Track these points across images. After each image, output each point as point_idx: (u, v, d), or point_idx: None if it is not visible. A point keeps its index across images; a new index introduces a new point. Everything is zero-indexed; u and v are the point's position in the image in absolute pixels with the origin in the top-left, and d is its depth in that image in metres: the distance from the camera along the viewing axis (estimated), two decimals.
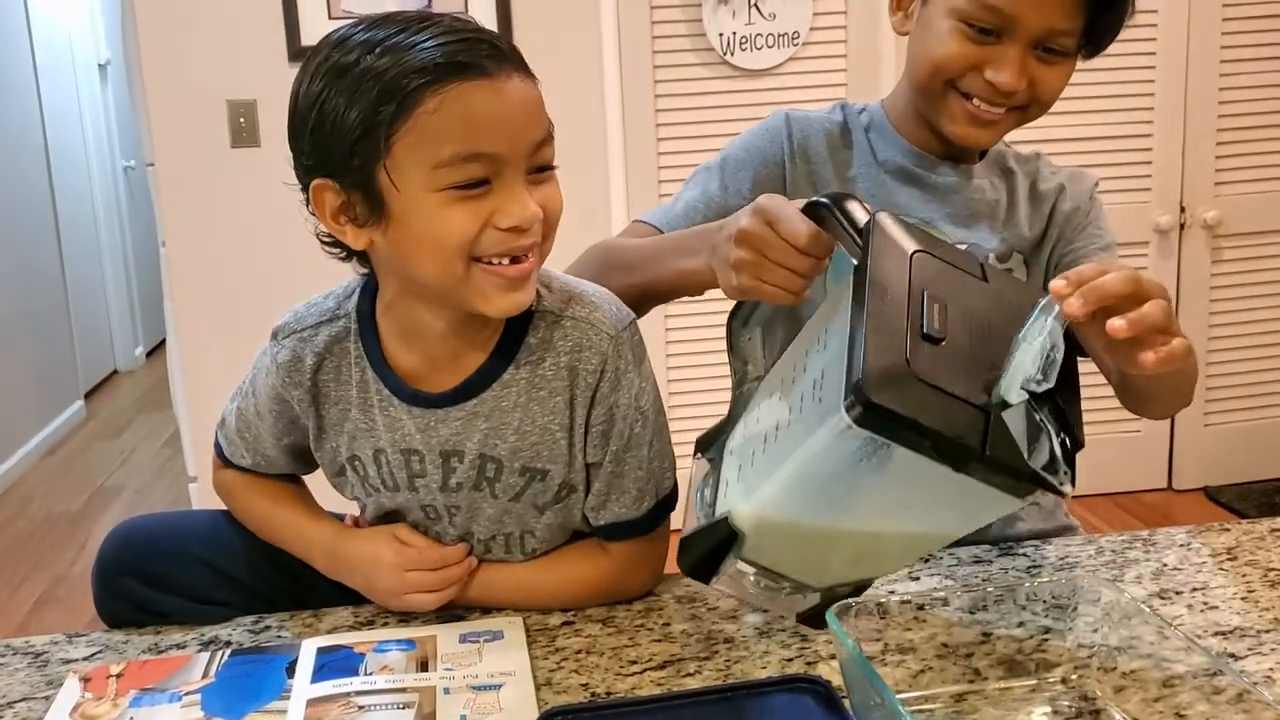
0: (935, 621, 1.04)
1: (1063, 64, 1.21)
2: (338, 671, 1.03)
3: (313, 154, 1.00)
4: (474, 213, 0.97)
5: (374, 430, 1.12)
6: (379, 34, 0.97)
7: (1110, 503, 3.39)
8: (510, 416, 1.09)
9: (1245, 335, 3.44)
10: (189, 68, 2.97)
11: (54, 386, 4.87)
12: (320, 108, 0.97)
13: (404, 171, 0.96)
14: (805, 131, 1.32)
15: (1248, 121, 3.30)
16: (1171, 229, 3.32)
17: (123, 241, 6.02)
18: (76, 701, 1.01)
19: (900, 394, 0.76)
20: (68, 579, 3.31)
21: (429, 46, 0.95)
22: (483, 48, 0.97)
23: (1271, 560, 1.20)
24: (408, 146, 0.95)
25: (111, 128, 6.00)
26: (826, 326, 0.90)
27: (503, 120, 0.97)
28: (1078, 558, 1.22)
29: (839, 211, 0.90)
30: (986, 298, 0.88)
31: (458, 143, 0.95)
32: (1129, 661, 0.94)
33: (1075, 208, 1.33)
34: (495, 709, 0.96)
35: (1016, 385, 0.80)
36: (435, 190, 0.96)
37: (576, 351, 1.08)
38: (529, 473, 1.11)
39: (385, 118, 0.94)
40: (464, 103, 0.95)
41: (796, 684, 0.96)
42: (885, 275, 0.83)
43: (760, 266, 0.96)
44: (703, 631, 1.09)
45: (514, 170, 0.98)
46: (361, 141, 0.96)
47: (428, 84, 0.94)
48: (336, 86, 0.97)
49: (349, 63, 0.96)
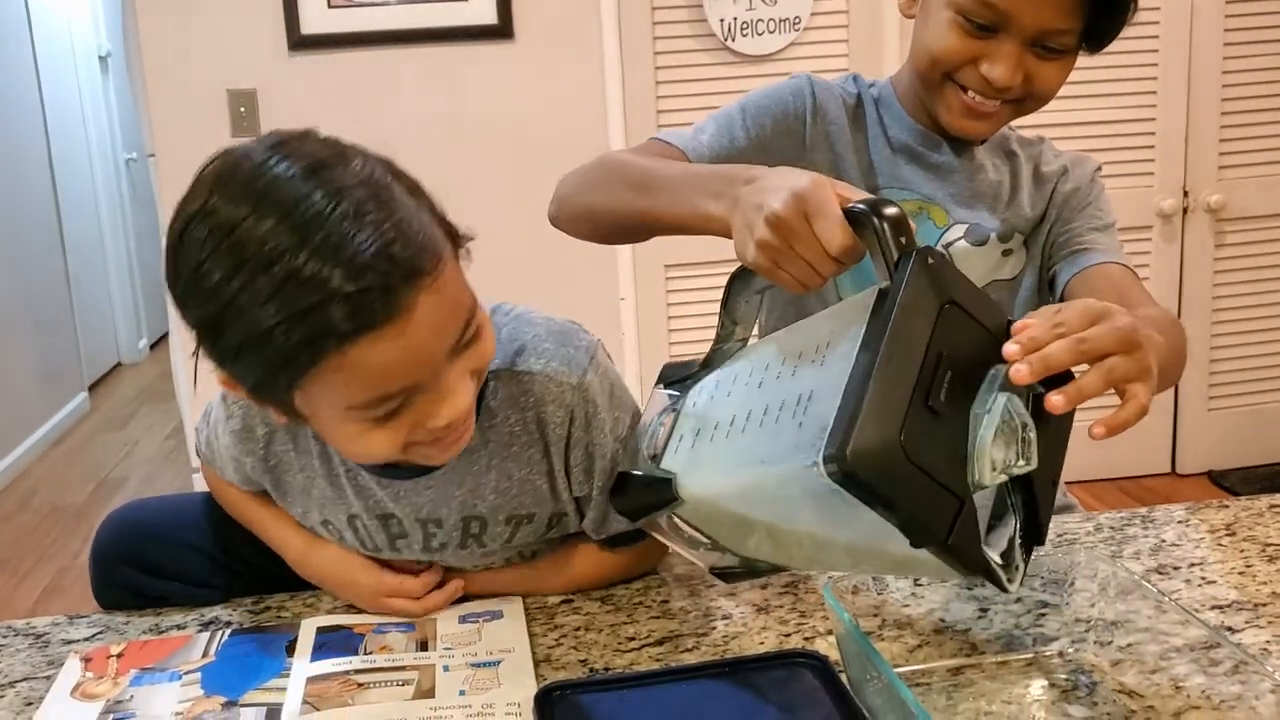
0: (932, 597, 1.04)
1: (1061, 60, 1.20)
2: (337, 651, 1.04)
3: (211, 351, 0.87)
4: (397, 429, 0.89)
5: (344, 498, 1.08)
6: (260, 245, 0.81)
7: (1114, 487, 3.38)
8: (485, 478, 1.06)
9: (1249, 320, 3.43)
10: (189, 58, 2.98)
11: (58, 379, 4.89)
12: (219, 319, 0.83)
13: (314, 406, 0.89)
14: (826, 96, 1.31)
15: (1251, 105, 3.29)
16: (1175, 213, 3.31)
17: (125, 234, 6.03)
18: (77, 681, 1.01)
19: (882, 470, 0.72)
20: (73, 570, 3.32)
21: (320, 297, 0.80)
22: (373, 295, 0.81)
23: (1270, 535, 1.20)
24: (312, 394, 0.87)
25: (113, 120, 6.01)
26: (829, 339, 0.85)
27: (410, 362, 0.86)
28: (1076, 534, 1.22)
29: (884, 229, 0.82)
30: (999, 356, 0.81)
31: (368, 391, 0.86)
32: (1126, 635, 0.95)
33: (1075, 189, 1.33)
34: (494, 684, 0.97)
35: (986, 467, 0.76)
36: (351, 422, 0.89)
37: (540, 405, 1.04)
38: (515, 520, 1.09)
39: (282, 377, 0.84)
40: (364, 362, 0.83)
41: (793, 659, 0.96)
42: (909, 325, 0.77)
43: (783, 255, 0.89)
44: (701, 608, 1.09)
45: (434, 379, 0.89)
46: (261, 386, 0.87)
47: (321, 353, 0.82)
48: (234, 301, 0.81)
49: (228, 293, 0.81)
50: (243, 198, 0.83)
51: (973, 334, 0.80)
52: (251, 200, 0.82)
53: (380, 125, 3.02)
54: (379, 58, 3.01)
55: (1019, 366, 0.76)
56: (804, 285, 0.89)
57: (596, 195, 1.18)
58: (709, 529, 0.94)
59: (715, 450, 0.90)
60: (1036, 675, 0.96)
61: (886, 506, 0.73)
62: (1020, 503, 0.82)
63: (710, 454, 0.90)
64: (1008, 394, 0.77)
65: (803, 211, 0.86)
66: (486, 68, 3.07)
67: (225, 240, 0.82)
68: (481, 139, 3.07)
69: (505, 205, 3.07)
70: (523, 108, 3.07)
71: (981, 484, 0.77)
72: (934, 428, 0.75)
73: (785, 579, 1.14)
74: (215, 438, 1.14)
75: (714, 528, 0.94)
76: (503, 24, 3.03)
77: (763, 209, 0.88)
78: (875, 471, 0.72)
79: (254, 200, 0.82)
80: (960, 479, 0.76)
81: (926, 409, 0.75)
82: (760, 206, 0.89)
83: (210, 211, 0.83)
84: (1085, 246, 1.29)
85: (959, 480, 0.76)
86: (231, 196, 0.83)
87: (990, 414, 0.77)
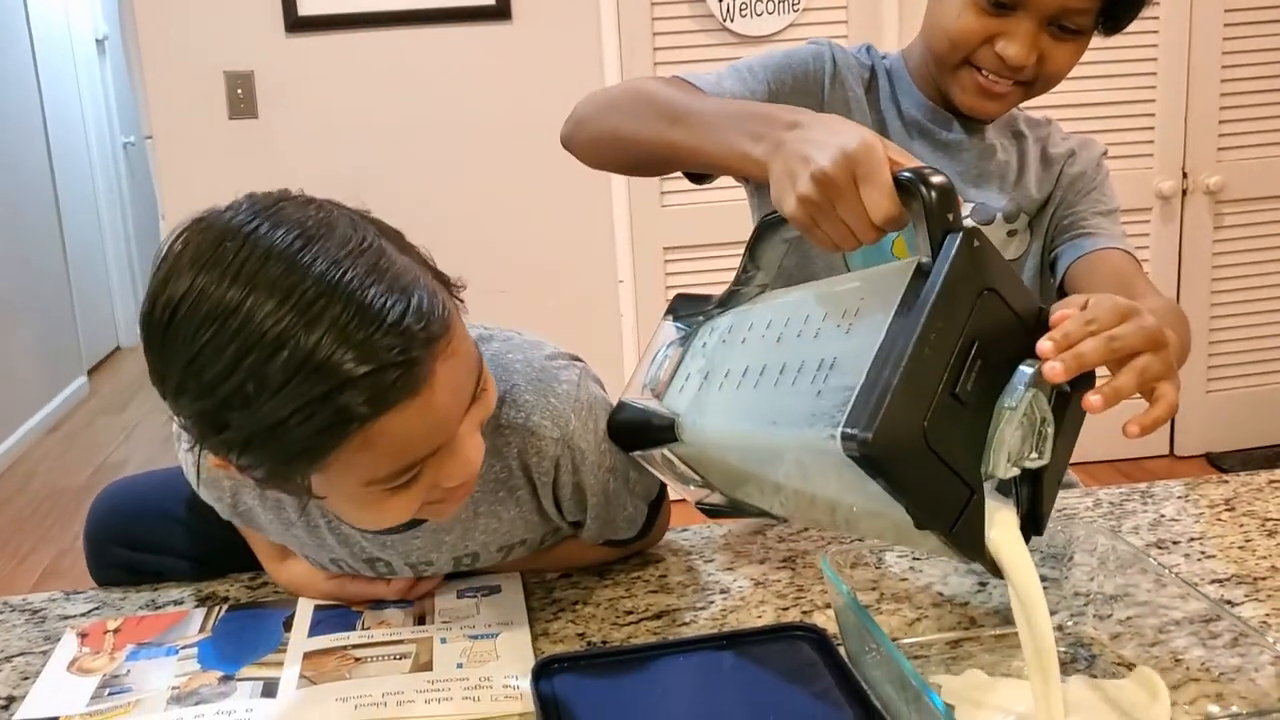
0: (931, 571, 1.04)
1: (1075, 42, 1.19)
2: (335, 626, 1.04)
3: (213, 444, 0.81)
4: (413, 494, 0.85)
5: (325, 545, 1.05)
6: (261, 334, 0.74)
7: (1112, 469, 3.38)
8: (475, 523, 1.03)
9: (1247, 301, 3.43)
10: (186, 40, 2.97)
11: (57, 363, 4.88)
12: (223, 412, 0.76)
13: (328, 485, 0.83)
14: (845, 63, 1.30)
15: (1251, 87, 3.28)
16: (1174, 195, 3.31)
17: (124, 218, 6.02)
18: (74, 655, 1.01)
19: (902, 453, 0.72)
20: (72, 552, 3.32)
21: (335, 382, 0.74)
22: (396, 368, 0.76)
23: (1269, 510, 1.19)
24: (330, 475, 0.81)
25: (110, 104, 6.00)
26: (859, 307, 0.83)
27: (434, 427, 0.82)
28: (1075, 509, 1.22)
29: (934, 203, 0.79)
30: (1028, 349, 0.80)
31: (390, 465, 0.81)
32: (1125, 609, 0.94)
33: (1081, 172, 1.32)
34: (492, 657, 0.96)
35: (1003, 460, 0.77)
36: (370, 494, 0.83)
37: (523, 455, 1.00)
38: (507, 548, 1.08)
39: (298, 467, 0.79)
40: (389, 435, 0.78)
41: (791, 632, 0.96)
42: (947, 308, 0.75)
43: (824, 214, 0.85)
44: (699, 583, 1.09)
45: (449, 443, 0.84)
46: (272, 478, 0.82)
47: (351, 428, 0.76)
48: (240, 391, 0.75)
49: (235, 388, 0.75)
50: (235, 279, 0.75)
51: (1006, 323, 0.79)
52: (244, 281, 0.75)
53: (377, 106, 3.01)
54: (376, 39, 3.00)
55: (1053, 364, 0.76)
56: (837, 246, 0.86)
57: (623, 120, 1.12)
58: (703, 470, 0.94)
59: (724, 398, 0.88)
60: None
61: (899, 489, 0.73)
62: (1025, 495, 0.82)
63: (718, 401, 0.89)
64: (1035, 390, 0.77)
65: (852, 173, 0.82)
66: (484, 49, 3.06)
67: (222, 326, 0.74)
68: (479, 120, 3.05)
69: (503, 187, 3.06)
70: (521, 89, 3.05)
71: (994, 475, 0.77)
72: (957, 416, 0.75)
73: (783, 553, 1.14)
74: (184, 471, 1.08)
75: (709, 470, 0.93)
76: (500, 4, 3.02)
77: (810, 163, 0.84)
78: (895, 454, 0.72)
79: (247, 281, 0.75)
80: (974, 469, 0.76)
81: (953, 396, 0.74)
82: (807, 159, 0.85)
83: (200, 295, 0.75)
84: (1089, 231, 1.29)
85: (973, 470, 0.76)
86: (221, 277, 0.75)
87: (1015, 410, 0.76)
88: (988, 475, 0.77)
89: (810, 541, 1.17)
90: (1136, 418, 0.80)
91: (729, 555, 1.14)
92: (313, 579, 1.09)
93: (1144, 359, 0.80)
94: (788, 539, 1.17)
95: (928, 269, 0.77)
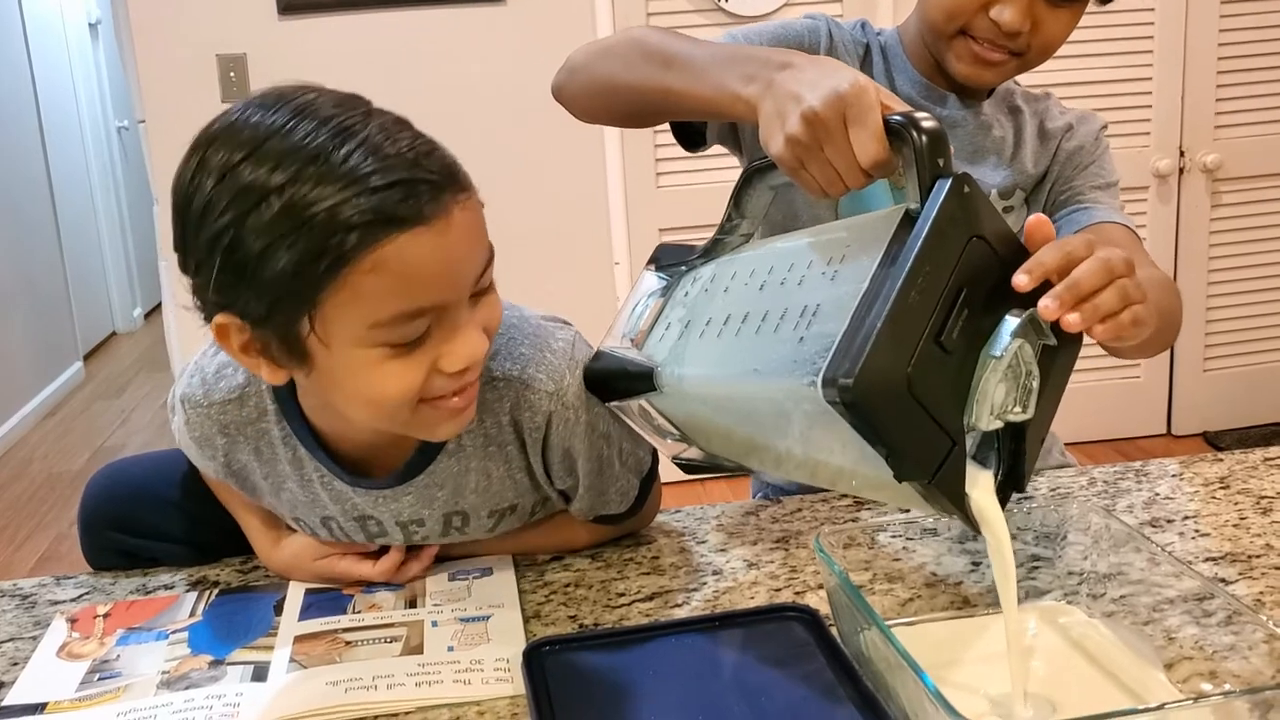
0: (924, 552, 1.04)
1: (1070, 10, 1.18)
2: (325, 610, 1.03)
3: (216, 289, 0.83)
4: (414, 365, 0.85)
5: (317, 502, 1.04)
6: (298, 148, 0.80)
7: (1109, 448, 3.38)
8: (466, 479, 1.03)
9: (1244, 280, 3.42)
10: (178, 23, 2.95)
11: (53, 349, 4.87)
12: (230, 245, 0.80)
13: (334, 329, 0.83)
14: (840, 38, 1.29)
15: (1247, 64, 3.27)
16: (1171, 173, 3.30)
17: (118, 203, 6.00)
18: (63, 641, 1.01)
19: (884, 402, 0.71)
20: (69, 537, 3.32)
21: (361, 188, 0.79)
22: (420, 188, 0.81)
23: (1264, 488, 1.19)
24: (339, 304, 0.81)
25: (104, 88, 5.97)
26: (844, 254, 0.81)
27: (447, 267, 0.84)
28: (1069, 488, 1.21)
29: (923, 146, 0.78)
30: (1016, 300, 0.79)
31: (398, 302, 0.82)
32: (1119, 588, 0.94)
33: (1079, 146, 1.31)
34: (483, 640, 0.96)
35: (985, 411, 0.75)
36: (370, 346, 0.84)
37: (515, 410, 1.00)
38: (498, 513, 1.08)
39: (313, 276, 0.80)
40: (402, 259, 0.80)
41: (784, 613, 0.95)
42: (934, 255, 0.74)
43: (811, 155, 0.83)
44: (691, 564, 1.09)
45: (457, 309, 0.86)
46: (283, 298, 0.81)
47: (358, 245, 0.79)
48: (250, 220, 0.79)
49: (263, 185, 0.79)
50: (273, 113, 0.82)
51: (995, 272, 0.77)
52: (286, 113, 0.82)
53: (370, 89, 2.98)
54: (369, 22, 2.98)
55: (1047, 302, 0.75)
56: (824, 191, 0.85)
57: (615, 66, 1.10)
58: (680, 422, 0.92)
59: (704, 348, 0.87)
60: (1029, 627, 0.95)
61: (879, 438, 0.72)
62: (1007, 450, 0.81)
63: (698, 351, 0.87)
64: (1022, 341, 0.76)
65: (842, 115, 0.81)
66: (477, 31, 3.04)
67: (255, 151, 0.80)
68: (472, 102, 3.04)
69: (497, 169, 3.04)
70: (514, 71, 3.04)
71: (976, 427, 0.76)
72: (941, 365, 0.74)
73: (776, 534, 1.13)
74: (179, 436, 1.08)
75: (686, 422, 0.92)
76: None
77: (800, 102, 0.83)
78: (876, 403, 0.70)
79: (289, 113, 0.82)
80: (956, 420, 0.75)
81: (937, 344, 0.73)
82: (797, 98, 0.83)
83: (218, 162, 0.81)
84: (1086, 205, 1.28)
85: (955, 421, 0.75)
86: (259, 115, 0.82)
87: (1001, 359, 0.75)
88: (970, 426, 0.76)
89: (804, 522, 1.16)
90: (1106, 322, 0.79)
91: (722, 536, 1.14)
92: (301, 560, 1.08)
93: (1123, 280, 0.79)
94: (781, 520, 1.17)
95: (916, 215, 0.76)
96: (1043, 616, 0.95)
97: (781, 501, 1.21)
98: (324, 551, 1.08)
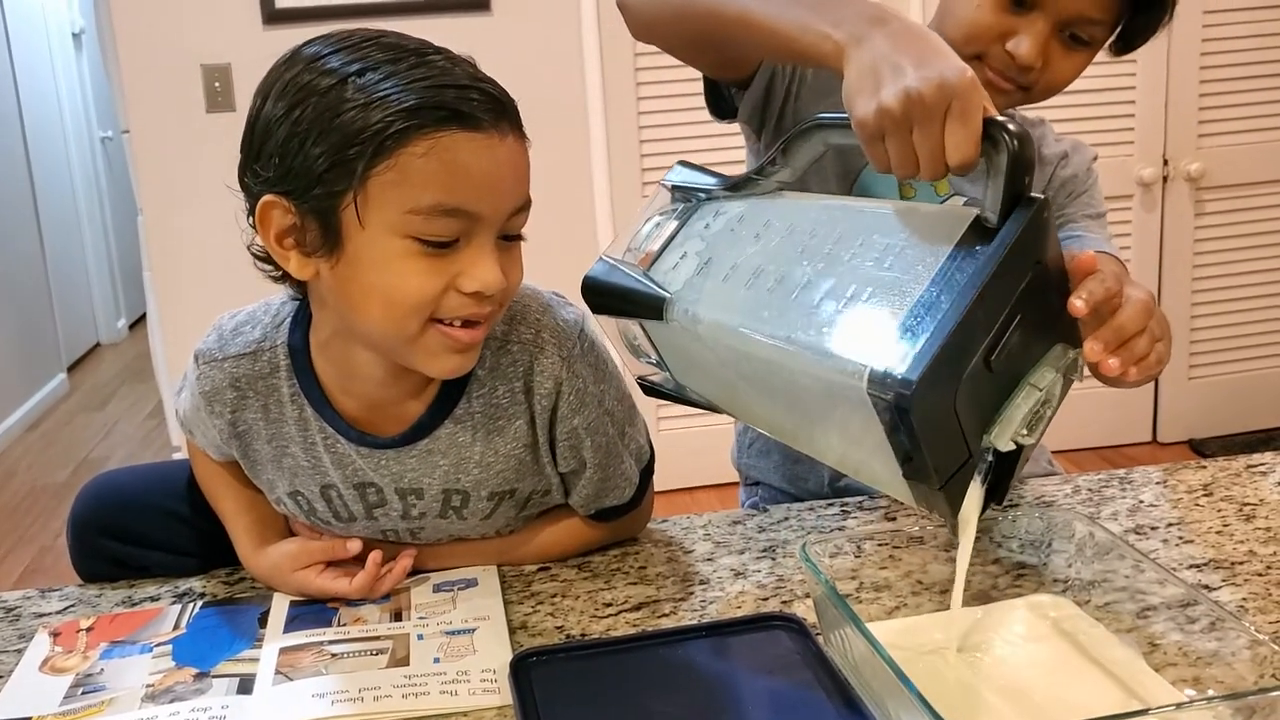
0: (910, 559, 1.04)
1: (1083, 54, 1.18)
2: (310, 623, 1.03)
3: (270, 168, 0.90)
4: (437, 271, 0.89)
5: (320, 467, 1.06)
6: (367, 60, 0.88)
7: (1095, 456, 3.39)
8: (470, 451, 1.04)
9: (1228, 288, 3.44)
10: (163, 32, 2.94)
11: (36, 360, 4.85)
12: (291, 124, 0.88)
13: (373, 209, 0.88)
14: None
15: (1230, 73, 3.29)
16: (1154, 182, 3.31)
17: (102, 214, 5.97)
18: (46, 655, 1.00)
19: (929, 413, 0.71)
20: (54, 550, 3.30)
21: (424, 86, 0.87)
22: (483, 99, 0.89)
23: (1247, 495, 1.20)
24: (384, 184, 0.87)
25: (87, 98, 5.94)
26: (901, 244, 0.79)
27: (490, 179, 0.89)
28: (1054, 496, 1.22)
29: (1017, 163, 0.76)
30: (1056, 331, 0.81)
31: (440, 192, 0.87)
32: (1103, 595, 0.94)
33: (1073, 175, 1.32)
34: (469, 651, 0.96)
35: (1007, 435, 0.77)
36: (401, 236, 0.88)
37: (528, 375, 1.03)
38: (497, 496, 1.08)
39: (366, 150, 0.86)
40: (454, 153, 0.87)
41: (771, 622, 0.95)
42: (1008, 274, 0.74)
43: (898, 132, 0.80)
44: (678, 574, 1.09)
45: (487, 232, 0.90)
46: (334, 168, 0.87)
47: (418, 126, 0.86)
48: (313, 105, 0.87)
49: (329, 84, 0.87)
50: (359, 34, 0.92)
51: (1046, 298, 0.79)
52: (373, 32, 0.92)
53: None
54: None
55: (1094, 345, 0.81)
56: (893, 169, 0.82)
57: None
58: (670, 354, 0.90)
59: (728, 294, 0.84)
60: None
61: (910, 442, 0.73)
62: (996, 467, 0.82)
63: (719, 294, 0.85)
64: (1060, 375, 0.78)
65: (946, 105, 0.78)
66: (463, 40, 3.01)
67: (343, 45, 0.91)
68: None
69: None
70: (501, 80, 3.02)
71: (994, 445, 0.78)
72: (983, 383, 0.75)
73: (763, 544, 1.13)
74: (188, 399, 1.11)
75: (678, 356, 0.90)
76: None
77: (902, 75, 0.79)
78: (924, 412, 0.71)
79: (376, 33, 0.92)
80: (978, 435, 0.77)
81: (986, 363, 0.74)
82: (899, 70, 0.80)
83: (295, 78, 0.90)
84: (1078, 234, 1.28)
85: (977, 436, 0.77)
86: (345, 33, 0.93)
87: (1041, 391, 0.77)
88: (987, 444, 0.78)
89: (790, 531, 1.16)
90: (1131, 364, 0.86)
91: (709, 546, 1.14)
92: (281, 570, 1.08)
93: (1151, 323, 0.87)
94: (768, 529, 1.17)
95: (989, 225, 0.75)
96: (1032, 608, 0.96)
97: (769, 511, 1.21)
98: (303, 562, 1.07)
